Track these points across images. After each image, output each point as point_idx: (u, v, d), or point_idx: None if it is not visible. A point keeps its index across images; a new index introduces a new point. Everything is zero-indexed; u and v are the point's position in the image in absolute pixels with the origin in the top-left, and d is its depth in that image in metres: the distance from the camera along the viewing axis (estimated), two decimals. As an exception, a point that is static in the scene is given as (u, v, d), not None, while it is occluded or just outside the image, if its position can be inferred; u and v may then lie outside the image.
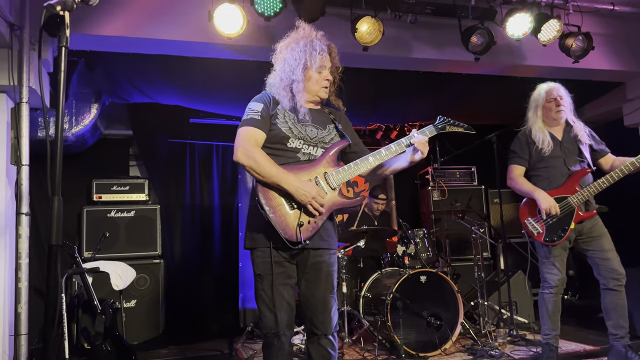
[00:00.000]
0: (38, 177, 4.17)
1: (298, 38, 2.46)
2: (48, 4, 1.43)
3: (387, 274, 4.53)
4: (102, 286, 4.24)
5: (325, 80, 2.46)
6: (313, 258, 2.38)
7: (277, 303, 2.31)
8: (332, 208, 2.38)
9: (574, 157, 3.51)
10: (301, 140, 2.40)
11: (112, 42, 3.89)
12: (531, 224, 3.51)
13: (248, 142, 2.33)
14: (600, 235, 3.42)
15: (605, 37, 4.96)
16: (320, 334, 2.36)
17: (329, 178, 2.37)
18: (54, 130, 1.43)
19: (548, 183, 3.49)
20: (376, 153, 2.43)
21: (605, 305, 3.41)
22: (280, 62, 2.47)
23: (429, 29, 4.49)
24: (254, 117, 2.38)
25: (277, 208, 2.29)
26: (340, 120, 2.57)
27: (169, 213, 5.45)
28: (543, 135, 3.53)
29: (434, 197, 6.14)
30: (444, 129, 2.59)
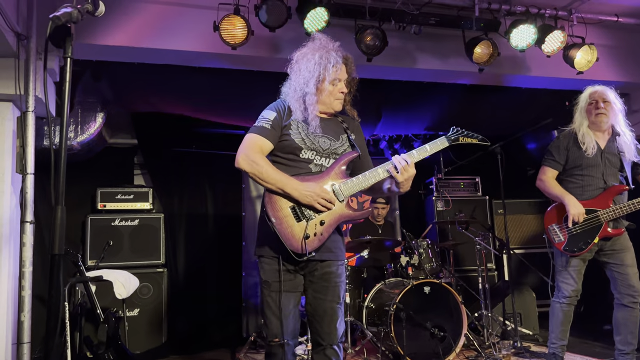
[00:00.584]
0: (43, 186, 4.19)
1: (314, 49, 2.43)
2: (54, 15, 1.45)
3: (391, 285, 4.51)
4: (105, 295, 4.23)
5: (339, 93, 2.44)
6: (321, 269, 2.38)
7: (283, 310, 2.31)
8: (339, 220, 2.36)
9: (613, 169, 3.39)
10: (314, 152, 2.39)
11: (118, 51, 3.93)
12: (554, 231, 3.43)
13: (251, 149, 2.32)
14: (623, 249, 3.33)
15: (610, 48, 4.97)
16: (326, 344, 2.35)
17: (337, 190, 2.34)
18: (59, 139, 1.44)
19: (581, 192, 3.37)
20: (385, 165, 2.38)
21: (616, 320, 3.35)
22: (295, 72, 2.45)
23: (433, 39, 4.51)
24: (263, 126, 2.38)
25: (284, 219, 2.28)
26: (353, 130, 2.55)
27: (173, 222, 5.45)
28: (589, 137, 3.38)
29: (438, 207, 6.12)
30: (457, 140, 2.50)
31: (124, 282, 4.00)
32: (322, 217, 2.31)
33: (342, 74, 2.43)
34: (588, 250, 3.33)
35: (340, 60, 2.41)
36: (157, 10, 3.92)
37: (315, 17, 3.81)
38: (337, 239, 2.44)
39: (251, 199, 5.80)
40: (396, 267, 4.71)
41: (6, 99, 3.54)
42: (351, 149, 2.48)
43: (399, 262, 4.67)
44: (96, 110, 4.64)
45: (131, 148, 5.65)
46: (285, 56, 4.15)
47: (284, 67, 4.53)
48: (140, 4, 3.88)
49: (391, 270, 4.76)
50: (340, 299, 2.41)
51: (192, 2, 3.97)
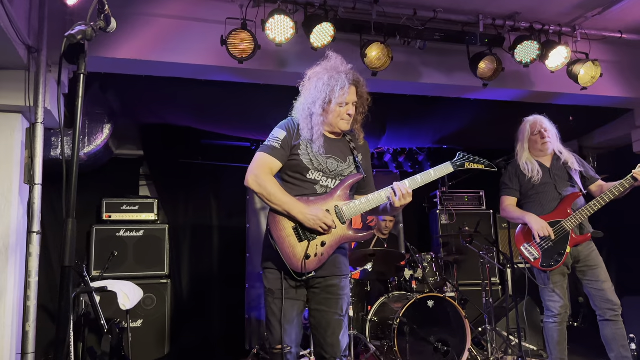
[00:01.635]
0: (49, 197, 4.22)
1: (325, 69, 2.46)
2: (69, 34, 1.48)
3: (395, 298, 4.50)
4: (110, 305, 4.24)
5: (346, 115, 2.46)
6: (324, 282, 2.43)
7: (287, 316, 2.35)
8: (340, 242, 2.41)
9: (564, 182, 3.56)
10: (321, 173, 2.44)
11: (126, 64, 3.97)
12: (527, 250, 3.51)
13: (261, 169, 2.37)
14: (596, 266, 3.43)
15: (614, 64, 4.99)
16: (329, 357, 2.38)
17: (340, 212, 2.39)
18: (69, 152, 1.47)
19: (540, 208, 3.52)
20: (387, 190, 2.43)
21: (605, 337, 3.40)
22: (305, 89, 2.50)
23: (438, 55, 4.55)
24: (273, 145, 2.41)
25: (287, 239, 2.34)
26: (360, 151, 2.59)
27: (178, 233, 5.47)
28: (532, 165, 3.60)
29: (442, 220, 6.12)
30: (463, 166, 2.55)
31: (129, 293, 4.01)
32: (324, 239, 2.36)
33: (351, 96, 2.46)
34: (564, 262, 3.40)
35: (350, 82, 2.43)
36: (165, 24, 3.97)
37: (321, 32, 3.85)
38: (340, 255, 2.49)
39: (255, 211, 5.82)
40: (400, 281, 4.70)
41: (16, 111, 3.58)
42: (356, 171, 2.52)
43: (402, 275, 4.66)
44: (103, 121, 4.69)
45: (137, 159, 5.69)
46: (291, 70, 4.24)
47: (289, 80, 4.57)
48: (149, 18, 3.93)
49: (395, 284, 4.75)
50: (343, 312, 2.44)
51: (200, 17, 4.02)
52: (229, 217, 5.80)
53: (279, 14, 3.73)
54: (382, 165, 6.55)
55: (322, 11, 3.92)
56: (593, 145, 6.26)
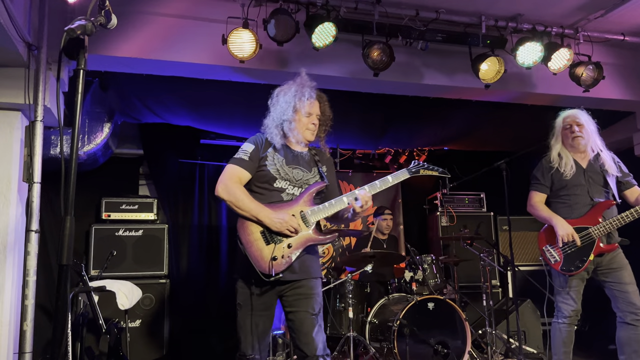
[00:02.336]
0: (48, 195, 4.20)
1: (291, 84, 2.71)
2: (69, 28, 1.46)
3: (395, 300, 4.48)
4: (108, 305, 4.22)
5: (311, 124, 2.68)
6: (295, 284, 2.55)
7: (252, 330, 2.54)
8: (306, 243, 2.55)
9: (598, 187, 3.45)
10: (287, 182, 2.62)
11: (126, 63, 3.96)
12: (549, 252, 3.45)
13: (230, 179, 2.57)
14: (620, 268, 3.35)
15: (616, 67, 4.98)
16: (308, 355, 2.47)
17: (305, 216, 2.55)
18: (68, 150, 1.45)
19: (569, 211, 3.44)
20: (350, 194, 2.59)
21: (620, 339, 3.33)
22: (274, 105, 2.72)
23: (440, 56, 4.53)
24: (242, 158, 2.62)
25: (255, 242, 2.50)
26: (324, 163, 2.78)
27: (177, 233, 5.45)
28: (566, 158, 3.49)
29: (442, 222, 6.11)
30: (418, 172, 2.78)
31: (127, 293, 3.99)
32: (290, 241, 2.52)
33: (315, 109, 2.70)
34: (585, 269, 3.34)
35: (314, 96, 2.69)
36: (166, 23, 3.95)
37: (323, 32, 3.84)
38: (310, 259, 2.62)
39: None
40: (400, 283, 4.68)
41: (15, 108, 3.56)
42: (321, 180, 2.70)
43: (402, 277, 4.64)
44: (103, 120, 4.67)
45: (137, 158, 5.67)
46: (292, 70, 4.22)
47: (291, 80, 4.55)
48: (149, 17, 3.92)
49: (395, 286, 4.73)
50: (315, 310, 2.55)
51: (201, 16, 4.01)
52: (229, 217, 5.78)
53: (281, 13, 3.71)
54: (382, 166, 6.53)
55: (324, 11, 3.91)
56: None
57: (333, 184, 2.80)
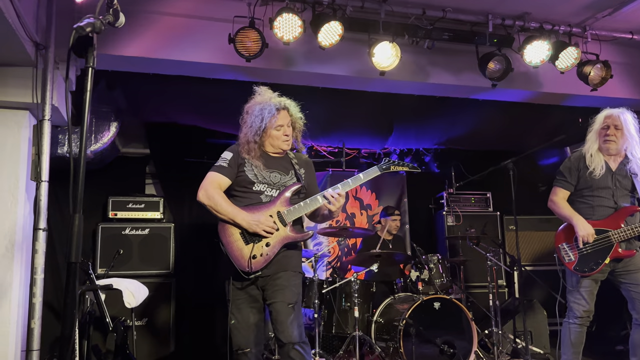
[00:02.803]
0: (56, 194, 4.22)
1: (256, 103, 2.83)
2: (78, 25, 1.47)
3: (400, 300, 4.48)
4: (115, 303, 4.23)
5: (284, 136, 2.81)
6: (272, 278, 2.71)
7: (243, 323, 2.71)
8: (283, 242, 2.71)
9: (624, 191, 3.39)
10: (265, 185, 2.77)
11: (133, 62, 3.97)
12: (564, 250, 3.42)
13: (210, 185, 2.73)
14: (638, 269, 3.30)
15: (624, 66, 4.95)
16: (285, 342, 2.58)
17: (282, 216, 2.71)
18: (76, 149, 1.46)
19: (591, 212, 3.38)
20: (323, 193, 2.74)
21: (634, 340, 3.30)
22: (244, 123, 2.85)
23: (446, 54, 4.52)
24: (222, 165, 2.79)
25: (235, 243, 2.68)
26: (302, 166, 2.91)
27: (183, 232, 5.46)
28: (597, 158, 3.40)
29: (448, 222, 6.08)
30: (388, 169, 2.89)
31: (134, 291, 4.00)
32: (268, 240, 2.68)
33: (283, 119, 2.80)
34: (599, 271, 3.30)
35: (279, 107, 2.79)
36: (173, 22, 3.96)
37: (329, 30, 3.83)
38: (289, 255, 2.76)
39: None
40: (406, 282, 4.67)
41: (23, 107, 3.58)
42: (297, 181, 2.83)
43: (408, 277, 4.63)
44: (110, 119, 4.69)
45: (143, 157, 5.68)
46: (299, 69, 4.23)
47: (297, 80, 4.57)
48: (156, 16, 3.93)
49: (401, 285, 4.72)
50: (291, 301, 2.66)
51: (207, 15, 4.02)
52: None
53: (287, 12, 3.72)
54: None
55: (330, 10, 3.91)
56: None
57: (311, 184, 2.94)
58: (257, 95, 2.90)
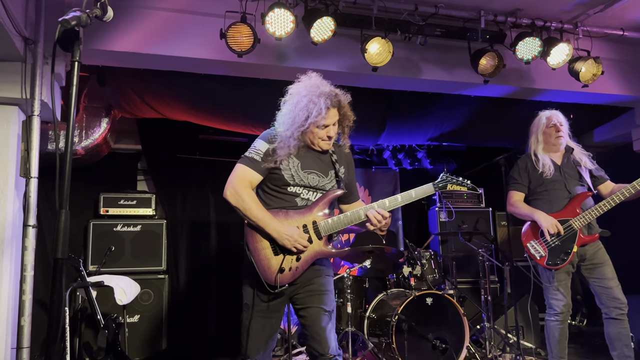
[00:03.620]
0: (45, 190, 4.20)
1: (306, 89, 2.43)
2: (63, 19, 1.45)
3: (393, 295, 4.48)
4: (106, 300, 4.22)
5: (327, 136, 2.45)
6: (305, 283, 2.46)
7: (259, 333, 2.43)
8: (315, 257, 2.43)
9: (574, 181, 3.53)
10: (301, 187, 2.46)
11: (124, 57, 3.94)
12: (533, 247, 3.49)
13: (240, 183, 2.39)
14: (602, 263, 3.41)
15: (615, 62, 4.97)
16: (321, 354, 2.38)
17: (318, 227, 2.41)
18: (64, 144, 1.44)
19: (549, 206, 3.50)
20: (366, 208, 2.45)
21: (609, 335, 3.38)
22: (286, 107, 2.48)
23: (439, 50, 4.52)
24: (254, 158, 2.43)
25: (262, 251, 2.38)
26: (343, 163, 2.60)
27: (175, 228, 5.44)
28: (542, 158, 3.57)
29: (441, 218, 6.10)
30: (445, 188, 2.58)
31: (125, 288, 3.98)
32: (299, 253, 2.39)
33: (331, 118, 2.43)
34: (570, 262, 3.38)
35: (328, 106, 2.39)
36: (164, 17, 3.94)
37: (322, 26, 3.82)
38: (319, 263, 2.50)
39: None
40: (398, 278, 4.68)
41: (12, 103, 3.55)
42: (337, 186, 2.54)
43: (401, 272, 4.64)
44: (101, 115, 4.66)
45: (135, 154, 5.66)
46: (291, 65, 4.21)
47: (289, 75, 4.51)
48: (147, 11, 3.90)
49: (393, 281, 4.73)
50: (329, 308, 2.45)
51: (199, 10, 3.99)
52: (227, 212, 5.74)
53: (279, 7, 3.70)
54: (381, 162, 6.52)
55: (323, 5, 3.90)
56: (593, 143, 6.23)
57: (351, 184, 2.65)
58: (306, 79, 2.49)
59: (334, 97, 2.43)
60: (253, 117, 5.01)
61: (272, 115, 2.59)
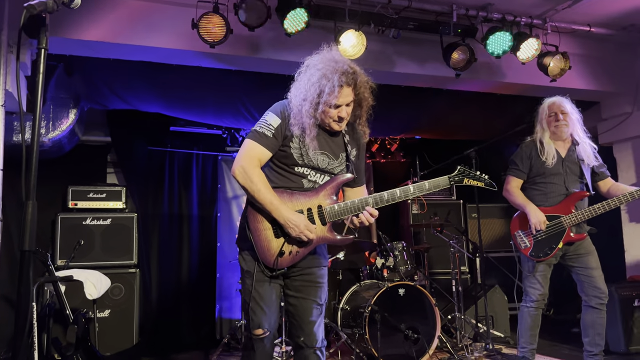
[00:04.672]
0: (11, 183, 4.07)
1: (322, 63, 2.29)
2: (28, 4, 1.40)
3: (366, 287, 4.52)
4: (76, 295, 4.13)
5: (338, 116, 2.30)
6: (302, 270, 2.39)
7: (265, 299, 2.30)
8: (318, 242, 2.35)
9: (574, 177, 3.52)
10: (309, 168, 2.35)
11: (92, 47, 3.85)
12: (520, 237, 3.54)
13: (250, 162, 2.27)
14: (587, 253, 3.46)
15: (582, 57, 5.09)
16: (306, 346, 2.35)
17: (324, 212, 2.32)
18: (30, 135, 1.40)
19: (544, 199, 3.51)
20: (377, 196, 2.36)
21: (584, 321, 3.46)
22: (299, 80, 2.35)
23: (411, 44, 4.55)
24: (265, 133, 2.29)
25: (264, 232, 2.29)
26: (354, 145, 2.48)
27: (147, 222, 5.36)
28: (548, 146, 3.51)
29: (413, 210, 6.17)
30: (461, 182, 2.43)
31: (95, 282, 3.92)
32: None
33: (344, 98, 2.27)
34: (553, 256, 3.44)
35: (341, 84, 2.23)
36: (134, 6, 3.85)
37: (295, 17, 3.80)
38: (320, 247, 2.44)
39: (227, 200, 5.75)
40: (371, 269, 4.72)
41: (-25, 93, 3.43)
42: (346, 170, 2.44)
43: (374, 264, 4.68)
44: (69, 106, 4.54)
45: (104, 146, 5.54)
46: (264, 56, 4.18)
47: (263, 67, 4.49)
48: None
49: (367, 273, 4.77)
50: (322, 300, 2.41)
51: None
52: (200, 205, 5.71)
53: (252, -3, 3.66)
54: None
55: (296, -4, 3.87)
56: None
57: (360, 168, 2.53)
58: (325, 51, 2.34)
59: (351, 74, 2.26)
60: (226, 109, 4.96)
61: (246, 107, 2.56)
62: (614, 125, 5.50)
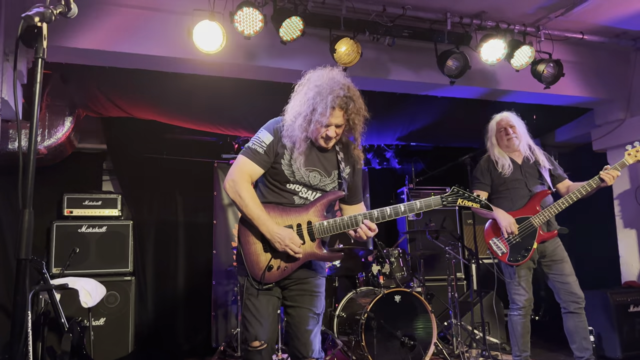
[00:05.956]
0: (6, 190, 4.07)
1: (322, 79, 2.31)
2: (26, 14, 1.41)
3: (362, 293, 4.52)
4: (71, 303, 4.11)
5: (327, 135, 2.32)
6: (298, 281, 2.41)
7: (261, 312, 2.34)
8: (307, 258, 2.36)
9: (534, 179, 3.66)
10: (300, 185, 2.38)
11: (88, 55, 3.86)
12: (495, 244, 3.61)
13: (241, 177, 2.33)
14: (561, 260, 3.54)
15: (575, 65, 5.14)
16: (301, 356, 2.35)
17: (313, 228, 2.34)
18: (27, 143, 1.41)
19: (510, 204, 3.62)
20: (367, 214, 2.37)
21: (568, 328, 3.51)
22: (296, 95, 2.38)
23: (406, 52, 4.58)
24: (257, 150, 2.35)
25: (253, 246, 2.34)
26: (348, 162, 2.48)
27: (142, 229, 5.35)
28: (503, 159, 3.68)
29: (408, 217, 6.18)
30: (454, 203, 2.40)
31: (90, 291, 3.90)
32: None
33: (334, 119, 2.28)
34: (530, 257, 3.51)
35: (333, 106, 2.25)
36: (131, 14, 3.87)
37: (291, 26, 3.82)
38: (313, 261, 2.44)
39: (222, 207, 5.75)
40: (367, 276, 4.73)
41: (-29, 101, 3.43)
42: (338, 187, 2.45)
43: (370, 271, 4.69)
44: (64, 114, 4.55)
45: (100, 153, 5.54)
46: (260, 64, 4.20)
47: (258, 74, 4.50)
48: (113, 8, 3.82)
49: (362, 279, 4.77)
50: (318, 310, 2.41)
51: (166, 7, 3.94)
52: (195, 213, 5.70)
53: (248, 6, 3.68)
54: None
55: (292, 5, 3.90)
56: (555, 143, 6.44)
57: (355, 187, 2.55)
58: (327, 70, 2.35)
59: (345, 99, 2.27)
60: (220, 117, 4.97)
61: (242, 114, 2.57)
62: (607, 132, 5.53)
